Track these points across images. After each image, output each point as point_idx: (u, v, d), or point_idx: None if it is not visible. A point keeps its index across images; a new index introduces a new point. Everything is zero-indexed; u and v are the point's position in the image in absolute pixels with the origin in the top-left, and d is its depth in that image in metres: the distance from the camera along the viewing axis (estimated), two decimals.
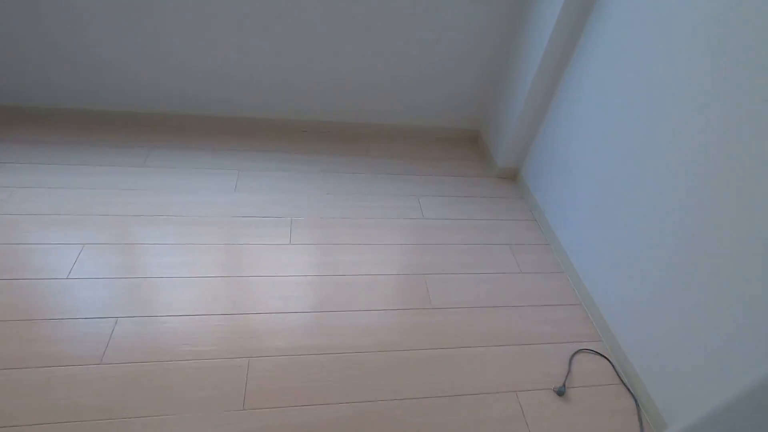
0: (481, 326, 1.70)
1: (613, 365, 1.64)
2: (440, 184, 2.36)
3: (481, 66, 2.39)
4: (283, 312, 1.64)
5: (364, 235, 1.98)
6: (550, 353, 1.65)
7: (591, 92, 1.81)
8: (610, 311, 1.69)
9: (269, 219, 1.98)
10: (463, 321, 1.71)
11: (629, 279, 1.59)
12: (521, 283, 1.90)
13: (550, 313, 1.80)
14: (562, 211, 2.01)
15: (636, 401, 1.53)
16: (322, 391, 1.43)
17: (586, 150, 1.85)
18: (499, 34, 2.26)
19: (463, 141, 2.72)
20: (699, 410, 0.72)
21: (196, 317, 1.58)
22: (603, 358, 1.66)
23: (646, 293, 1.51)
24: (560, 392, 1.52)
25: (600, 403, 1.52)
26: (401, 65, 2.33)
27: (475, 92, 2.50)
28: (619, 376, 1.61)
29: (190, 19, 2.04)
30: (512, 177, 2.48)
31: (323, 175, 2.27)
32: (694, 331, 1.33)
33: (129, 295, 1.60)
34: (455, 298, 1.78)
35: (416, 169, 2.43)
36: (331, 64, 2.28)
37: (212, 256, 1.78)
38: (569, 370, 1.60)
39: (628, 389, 1.57)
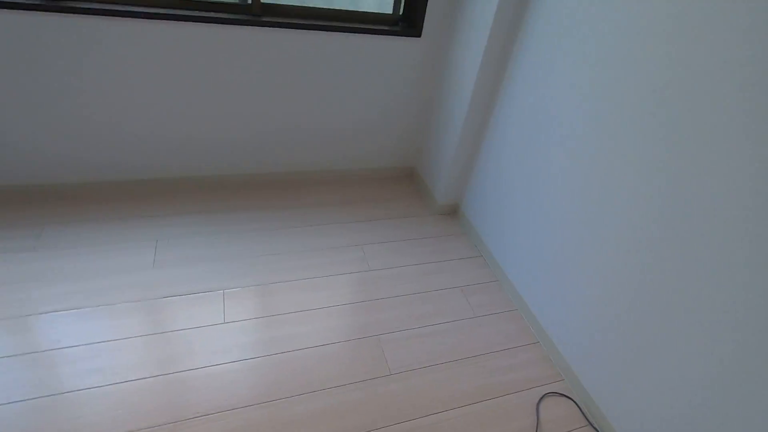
0: (445, 386, 1.60)
1: (578, 406, 1.61)
2: (382, 228, 2.26)
3: (412, 103, 2.35)
4: (224, 410, 1.42)
5: (308, 299, 1.81)
6: (516, 404, 1.59)
7: (521, 123, 1.82)
8: (567, 348, 1.68)
9: (198, 296, 1.75)
10: (426, 384, 1.59)
11: (580, 311, 1.58)
12: (478, 328, 1.83)
13: (510, 357, 1.74)
14: (506, 245, 2.00)
15: None
16: None
17: (520, 180, 1.85)
18: (427, 71, 2.24)
19: (399, 180, 2.66)
20: None
21: None
22: (569, 400, 1.63)
23: (600, 326, 1.50)
24: None
25: None
26: (328, 109, 2.22)
27: (407, 129, 2.46)
28: (586, 418, 1.58)
29: (85, 71, 1.78)
30: (453, 212, 2.45)
31: (255, 235, 2.07)
32: (652, 364, 1.33)
33: (17, 427, 1.30)
34: (414, 358, 1.67)
35: (355, 215, 2.31)
36: (253, 113, 2.11)
37: (132, 353, 1.52)
38: (538, 421, 1.55)
39: (597, 430, 1.54)
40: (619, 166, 1.38)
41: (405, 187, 2.59)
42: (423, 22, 2.06)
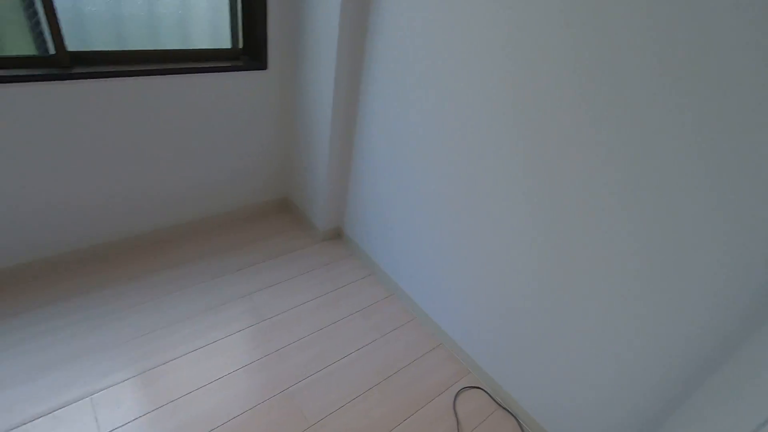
0: (366, 418, 1.58)
1: (488, 393, 1.75)
2: (268, 269, 2.14)
3: (273, 134, 2.26)
4: None
5: (201, 374, 1.62)
6: (435, 411, 1.65)
7: (386, 135, 1.90)
8: (468, 342, 1.80)
9: (58, 413, 1.42)
10: (347, 422, 1.56)
11: (472, 307, 1.72)
12: (385, 347, 1.86)
13: (419, 366, 1.81)
14: (394, 257, 2.07)
15: (516, 419, 1.67)
16: None
17: (396, 191, 1.92)
18: (282, 100, 2.18)
19: (274, 213, 2.55)
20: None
21: None
22: (479, 390, 1.76)
23: (491, 317, 1.65)
24: None
25: None
26: (179, 156, 2.01)
27: (272, 161, 2.36)
28: (497, 402, 1.72)
29: None
30: (337, 236, 2.44)
31: (120, 315, 1.77)
32: (540, 345, 1.50)
33: None
34: (330, 400, 1.62)
35: (235, 263, 2.14)
36: (89, 176, 1.80)
37: None
38: (457, 420, 1.64)
39: (507, 410, 1.70)
40: (478, 169, 1.52)
41: (282, 221, 2.50)
42: (266, 53, 2.00)
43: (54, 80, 1.52)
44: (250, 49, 2.00)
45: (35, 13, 1.49)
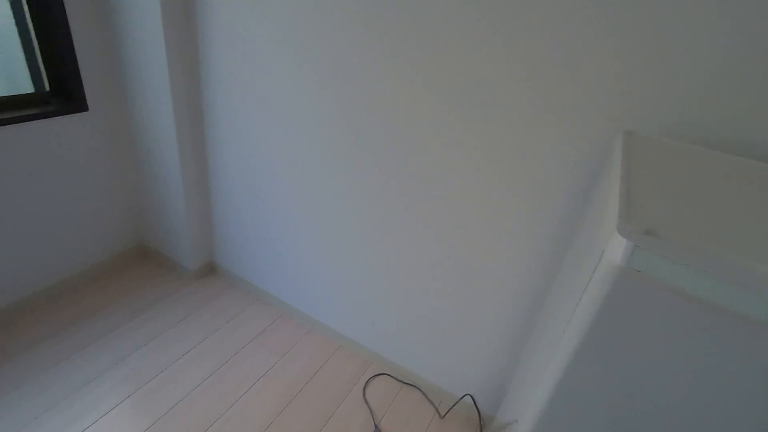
0: None
1: (391, 375, 1.91)
2: (139, 326, 1.94)
3: (113, 179, 2.04)
4: None
5: None
6: (350, 407, 1.74)
7: (237, 151, 1.90)
8: (364, 337, 1.93)
9: None
10: None
11: (359, 300, 1.85)
12: (288, 367, 1.87)
13: (326, 372, 1.87)
14: (274, 275, 2.07)
15: (420, 390, 1.86)
16: None
17: (260, 204, 1.93)
18: (116, 141, 1.98)
19: (133, 264, 2.30)
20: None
21: None
22: (383, 375, 1.90)
23: (378, 305, 1.81)
24: None
25: (404, 412, 1.76)
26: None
27: (117, 209, 2.13)
28: (400, 381, 1.89)
29: None
30: (211, 271, 2.32)
31: None
32: (426, 319, 1.71)
33: None
34: None
35: (98, 329, 1.88)
36: None
37: None
38: (370, 408, 1.75)
39: (411, 385, 1.88)
40: (340, 170, 1.65)
41: (144, 270, 2.27)
42: (84, 92, 1.80)
43: None
44: (61, 90, 1.78)
45: None
